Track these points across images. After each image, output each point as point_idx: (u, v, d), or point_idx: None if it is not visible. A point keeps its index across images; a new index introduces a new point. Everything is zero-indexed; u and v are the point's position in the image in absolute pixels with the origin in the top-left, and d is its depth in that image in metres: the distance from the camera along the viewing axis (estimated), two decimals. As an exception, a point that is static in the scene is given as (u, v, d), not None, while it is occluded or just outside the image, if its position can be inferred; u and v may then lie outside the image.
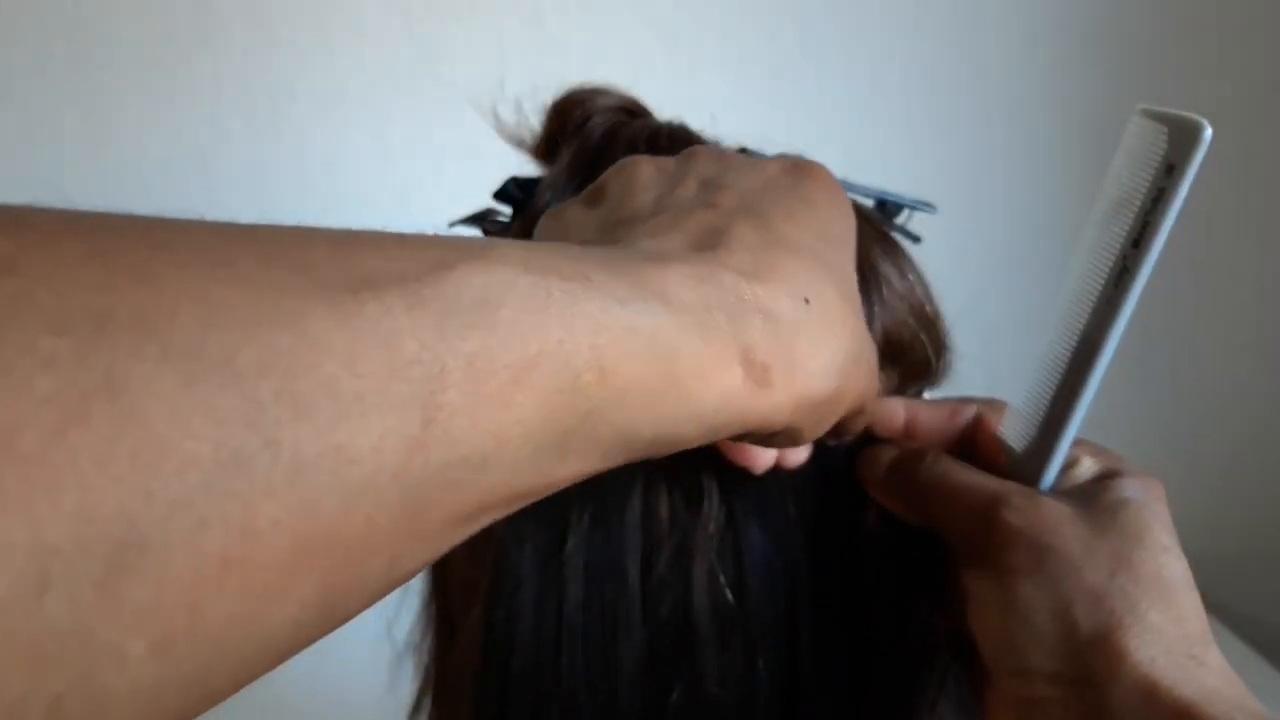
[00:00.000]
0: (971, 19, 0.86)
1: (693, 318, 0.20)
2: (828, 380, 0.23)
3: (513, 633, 0.31)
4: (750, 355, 0.20)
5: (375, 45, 0.78)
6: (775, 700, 0.32)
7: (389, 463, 0.15)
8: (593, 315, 0.18)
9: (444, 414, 0.15)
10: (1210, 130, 0.25)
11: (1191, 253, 0.92)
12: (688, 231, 0.23)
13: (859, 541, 0.33)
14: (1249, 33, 0.88)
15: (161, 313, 0.13)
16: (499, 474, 0.17)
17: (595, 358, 0.18)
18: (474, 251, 0.17)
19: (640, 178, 0.27)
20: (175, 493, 0.13)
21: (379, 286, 0.15)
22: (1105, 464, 0.31)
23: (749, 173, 0.26)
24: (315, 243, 0.16)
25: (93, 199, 0.57)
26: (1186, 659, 0.25)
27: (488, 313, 0.16)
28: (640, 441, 0.20)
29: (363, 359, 0.15)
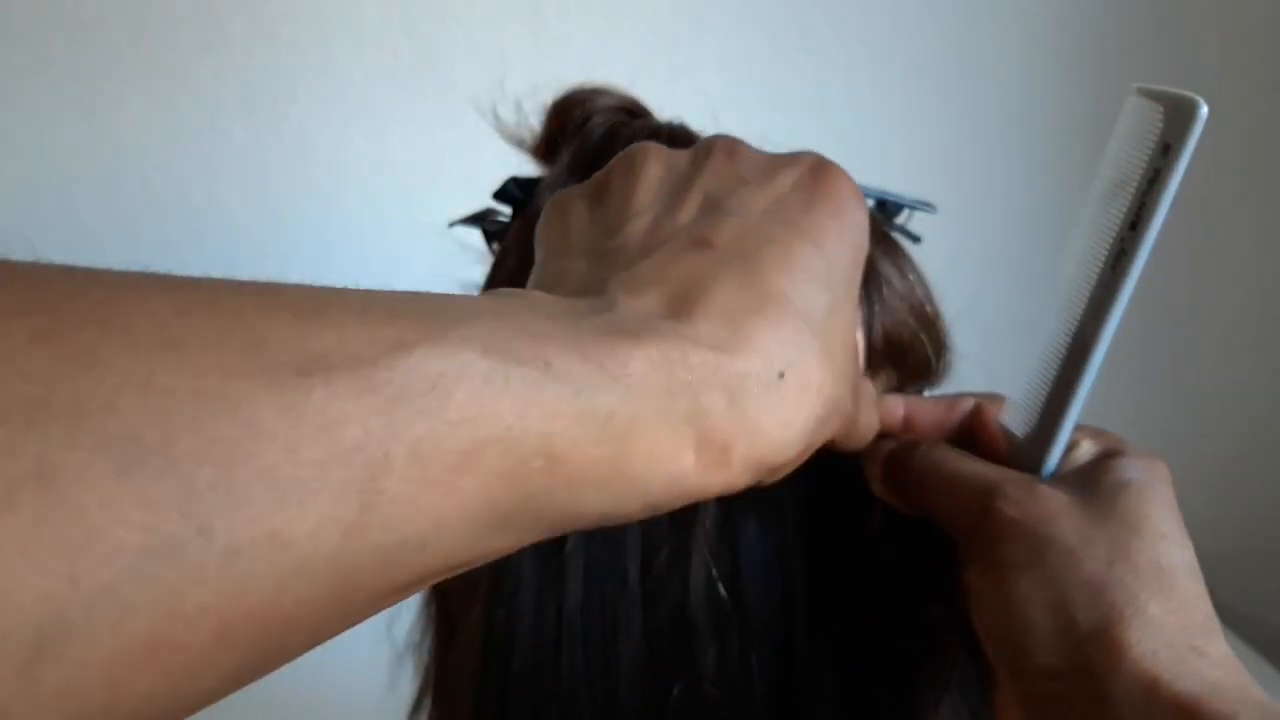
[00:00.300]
0: (971, 19, 0.86)
1: (652, 403, 0.19)
2: (794, 447, 0.22)
3: (513, 633, 0.31)
4: (708, 437, 0.20)
5: (375, 45, 0.78)
6: (774, 699, 0.32)
7: (324, 548, 0.15)
8: (547, 403, 0.18)
9: (384, 499, 0.16)
10: (1206, 108, 0.25)
11: (1192, 251, 0.92)
12: (669, 285, 0.22)
13: (857, 539, 0.33)
14: (1250, 32, 0.88)
15: (99, 401, 0.13)
16: (436, 553, 0.17)
17: (545, 445, 0.18)
18: (435, 331, 0.17)
19: (643, 185, 0.26)
20: (101, 579, 0.13)
21: (330, 369, 0.15)
22: (1105, 445, 0.30)
23: (761, 187, 0.25)
24: (274, 315, 0.16)
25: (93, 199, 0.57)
26: (1188, 651, 0.25)
27: (439, 399, 0.16)
28: (585, 519, 0.20)
29: (304, 446, 0.15)
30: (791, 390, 0.21)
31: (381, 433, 0.16)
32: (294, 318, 0.16)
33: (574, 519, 0.19)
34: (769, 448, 0.21)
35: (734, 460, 0.21)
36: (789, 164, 0.26)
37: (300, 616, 0.15)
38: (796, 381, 0.21)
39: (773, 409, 0.21)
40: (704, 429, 0.20)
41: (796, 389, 0.21)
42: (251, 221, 0.80)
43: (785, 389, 0.21)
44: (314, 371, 0.15)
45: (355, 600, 0.16)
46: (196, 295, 0.16)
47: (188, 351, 0.15)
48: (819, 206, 0.24)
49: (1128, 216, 0.26)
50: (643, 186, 0.25)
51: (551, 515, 0.19)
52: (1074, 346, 0.28)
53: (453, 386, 0.17)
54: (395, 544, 0.16)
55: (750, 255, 0.22)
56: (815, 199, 0.24)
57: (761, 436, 0.21)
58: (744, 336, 0.21)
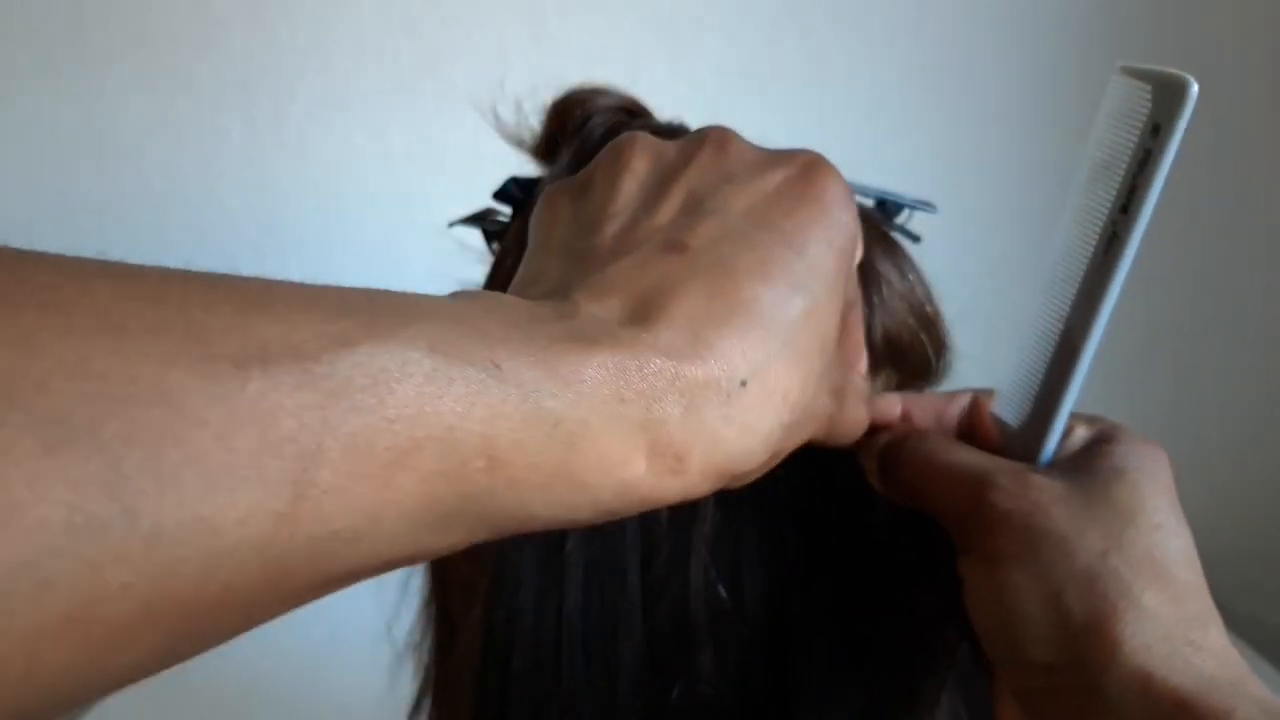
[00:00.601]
0: (972, 19, 0.86)
1: (603, 411, 0.19)
2: (757, 456, 0.22)
3: (513, 633, 0.31)
4: (662, 445, 0.20)
5: (375, 45, 0.78)
6: (774, 698, 0.32)
7: (253, 535, 0.15)
8: (491, 404, 0.18)
9: (316, 491, 0.16)
10: (1196, 87, 0.24)
11: (1191, 246, 0.92)
12: (635, 289, 0.22)
13: (855, 536, 0.33)
14: (1252, 31, 0.88)
15: (31, 382, 0.14)
16: (371, 547, 0.17)
17: (486, 446, 0.18)
18: (383, 328, 0.17)
19: (627, 181, 0.25)
20: (23, 554, 0.13)
21: (268, 362, 0.16)
22: (1099, 430, 0.29)
23: (747, 186, 0.24)
24: (219, 307, 0.16)
25: (93, 199, 0.57)
26: (1184, 644, 0.24)
27: (378, 395, 0.16)
28: (533, 522, 0.19)
29: (235, 435, 0.15)
30: (754, 398, 0.21)
31: (316, 426, 0.16)
32: (238, 310, 0.16)
33: (520, 521, 0.19)
34: (728, 455, 0.21)
35: (690, 468, 0.20)
36: (780, 162, 0.25)
37: (227, 601, 0.15)
38: (760, 390, 0.21)
39: (733, 417, 0.21)
40: (657, 437, 0.20)
41: (760, 397, 0.21)
42: (251, 221, 0.80)
43: (747, 397, 0.21)
44: (251, 363, 0.15)
45: (285, 588, 0.16)
46: (143, 284, 0.16)
47: (126, 338, 0.15)
48: (803, 209, 0.24)
49: (1118, 200, 0.26)
50: (626, 182, 0.25)
51: (495, 516, 0.19)
52: (1067, 334, 0.28)
53: (394, 383, 0.17)
54: (327, 535, 0.16)
55: (724, 260, 0.22)
56: (801, 201, 0.24)
57: (720, 445, 0.21)
58: (706, 344, 0.21)
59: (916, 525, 0.32)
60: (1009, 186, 0.92)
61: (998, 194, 0.92)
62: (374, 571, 0.18)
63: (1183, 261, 0.91)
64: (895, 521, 0.33)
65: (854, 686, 0.32)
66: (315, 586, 0.17)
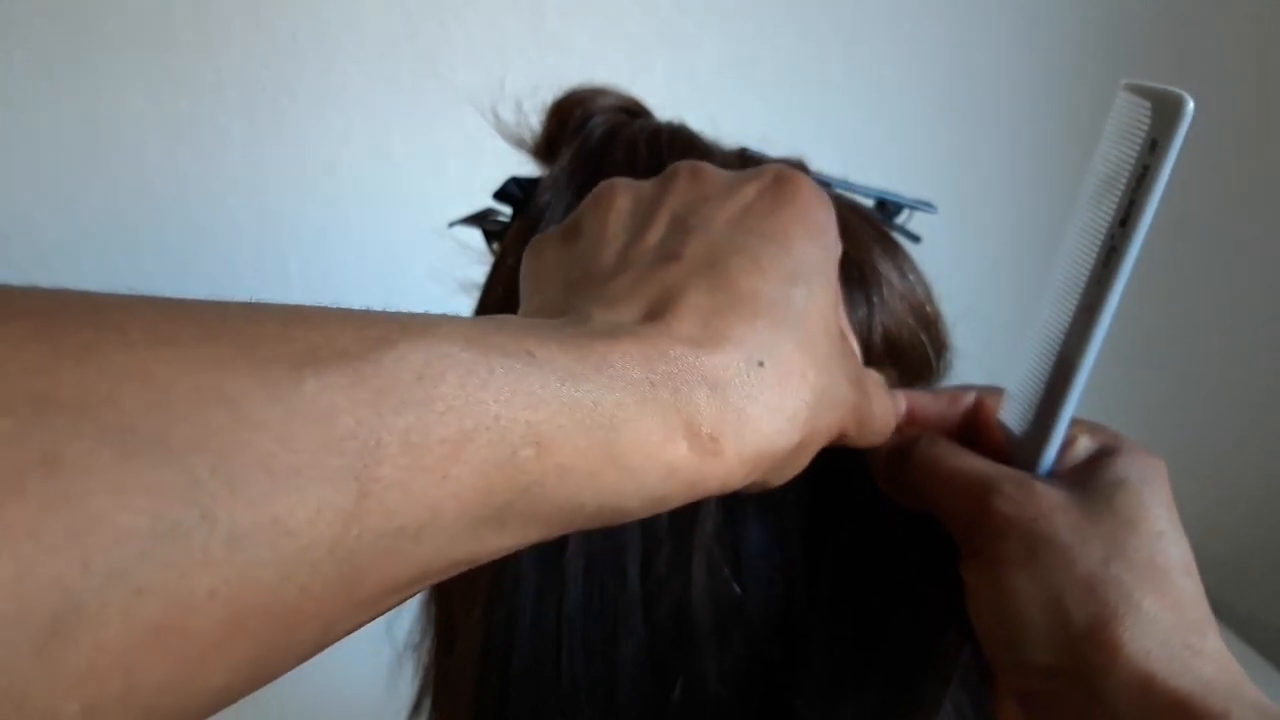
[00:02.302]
0: (972, 19, 0.86)
1: (636, 393, 0.20)
2: (788, 435, 0.22)
3: (513, 633, 0.31)
4: (696, 427, 0.20)
5: (375, 45, 0.78)
6: (775, 696, 0.32)
7: (324, 534, 0.15)
8: (532, 391, 0.18)
9: (379, 487, 0.16)
10: (1192, 104, 0.25)
11: (1189, 249, 0.92)
12: (642, 298, 0.23)
13: (859, 535, 0.33)
14: (1252, 31, 0.88)
15: (101, 393, 0.14)
16: (435, 545, 0.17)
17: (533, 433, 0.18)
18: (417, 328, 0.18)
19: (613, 218, 0.26)
20: (112, 563, 0.13)
21: (320, 364, 0.16)
22: (1102, 442, 0.30)
23: (724, 202, 0.25)
24: (261, 319, 0.17)
25: (93, 199, 0.57)
26: (1183, 649, 0.25)
27: (425, 389, 0.17)
28: (584, 513, 0.20)
29: (298, 435, 0.15)
30: (772, 377, 0.22)
31: (372, 422, 0.16)
32: (280, 321, 0.17)
33: (571, 513, 0.19)
34: (760, 437, 0.21)
35: (726, 449, 0.21)
36: (752, 177, 0.26)
37: (307, 608, 0.16)
38: (777, 369, 0.22)
39: (756, 396, 0.21)
40: (690, 418, 0.20)
41: (777, 376, 0.22)
42: (251, 221, 0.80)
43: (766, 376, 0.22)
44: (304, 365, 0.16)
45: (360, 592, 0.16)
46: (181, 306, 0.16)
47: (182, 349, 0.15)
48: (782, 211, 0.25)
49: (1118, 213, 0.27)
50: (612, 218, 0.26)
51: (548, 508, 0.19)
52: (1068, 344, 0.28)
53: (438, 377, 0.17)
54: (394, 532, 0.16)
55: (718, 262, 0.23)
56: (778, 204, 0.25)
57: (749, 425, 0.21)
58: (718, 331, 0.21)
59: (921, 527, 0.32)
60: (1009, 187, 0.92)
61: (998, 194, 0.92)
62: (440, 574, 0.18)
63: (1182, 262, 0.91)
64: (900, 523, 0.33)
65: (858, 687, 0.32)
66: (387, 591, 0.17)
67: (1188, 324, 0.97)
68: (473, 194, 0.40)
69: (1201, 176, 0.87)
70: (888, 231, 0.37)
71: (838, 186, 0.38)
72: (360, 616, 0.17)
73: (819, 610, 0.32)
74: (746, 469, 0.22)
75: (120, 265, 0.78)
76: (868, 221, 0.36)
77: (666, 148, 0.35)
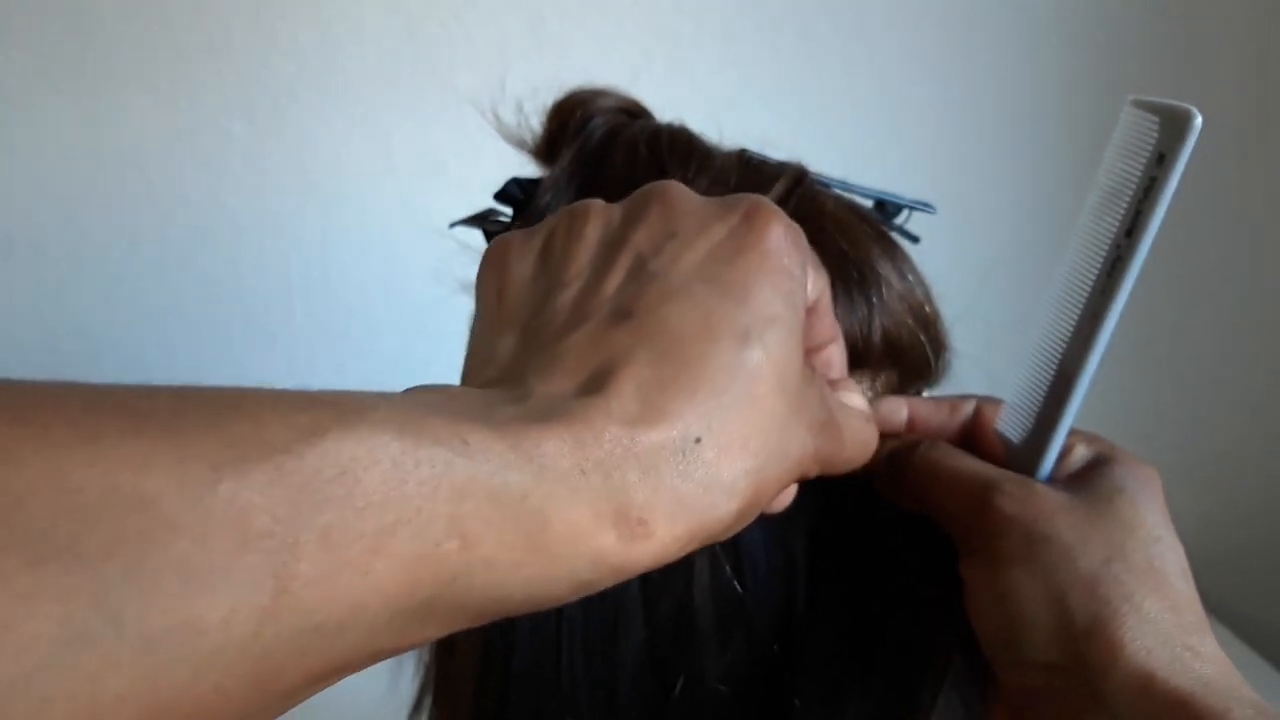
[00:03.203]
0: (972, 19, 0.86)
1: (566, 482, 0.20)
2: (725, 508, 0.22)
3: (513, 633, 0.31)
4: (626, 512, 0.20)
5: (376, 46, 0.78)
6: (774, 695, 0.32)
7: (239, 633, 0.15)
8: (459, 483, 0.18)
9: (297, 584, 0.16)
10: (1200, 119, 0.25)
11: (1190, 251, 0.92)
12: (585, 366, 0.22)
13: (858, 536, 0.33)
14: (1252, 31, 0.88)
15: (13, 500, 0.14)
16: (356, 639, 0.17)
17: (457, 526, 0.18)
18: (352, 413, 0.18)
19: (581, 249, 0.25)
20: (17, 671, 0.13)
21: (241, 461, 0.16)
22: (1099, 450, 0.31)
23: (691, 242, 0.24)
24: (187, 411, 0.17)
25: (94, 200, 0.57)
26: (1183, 649, 0.25)
27: (348, 484, 0.17)
28: (511, 603, 0.20)
29: (214, 535, 0.15)
30: (710, 452, 0.21)
31: (291, 520, 0.16)
32: (210, 410, 0.17)
33: (499, 603, 0.19)
34: (694, 514, 0.21)
35: (656, 531, 0.21)
36: (723, 213, 0.25)
37: (221, 705, 0.16)
38: (715, 443, 0.21)
39: (691, 474, 0.21)
40: (621, 504, 0.20)
41: (716, 450, 0.21)
42: (251, 221, 0.80)
43: (703, 452, 0.21)
44: (224, 464, 0.16)
45: (276, 687, 0.16)
46: (112, 396, 0.16)
47: (102, 446, 0.15)
48: (745, 258, 0.24)
49: (1123, 224, 0.27)
50: (581, 249, 0.25)
51: (476, 599, 0.19)
52: (1069, 353, 0.29)
53: (363, 471, 0.17)
54: (312, 629, 0.16)
55: (668, 323, 0.23)
56: (742, 251, 0.24)
57: (682, 504, 0.21)
58: (656, 408, 0.21)
59: (918, 523, 0.32)
60: (1008, 187, 0.92)
61: (997, 195, 0.92)
62: (361, 664, 0.18)
63: (1181, 263, 0.91)
64: (898, 519, 0.33)
65: (858, 688, 0.32)
66: (306, 683, 0.17)
67: (1187, 324, 0.97)
68: (473, 194, 0.40)
69: (1201, 178, 0.87)
70: (887, 232, 0.37)
71: (837, 187, 0.38)
72: (280, 707, 0.17)
73: (819, 610, 0.32)
74: (680, 544, 0.21)
75: (121, 266, 0.78)
76: (867, 222, 0.36)
77: (667, 149, 0.35)
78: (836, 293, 0.33)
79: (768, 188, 0.34)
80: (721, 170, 0.35)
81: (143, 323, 0.80)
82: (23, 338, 0.79)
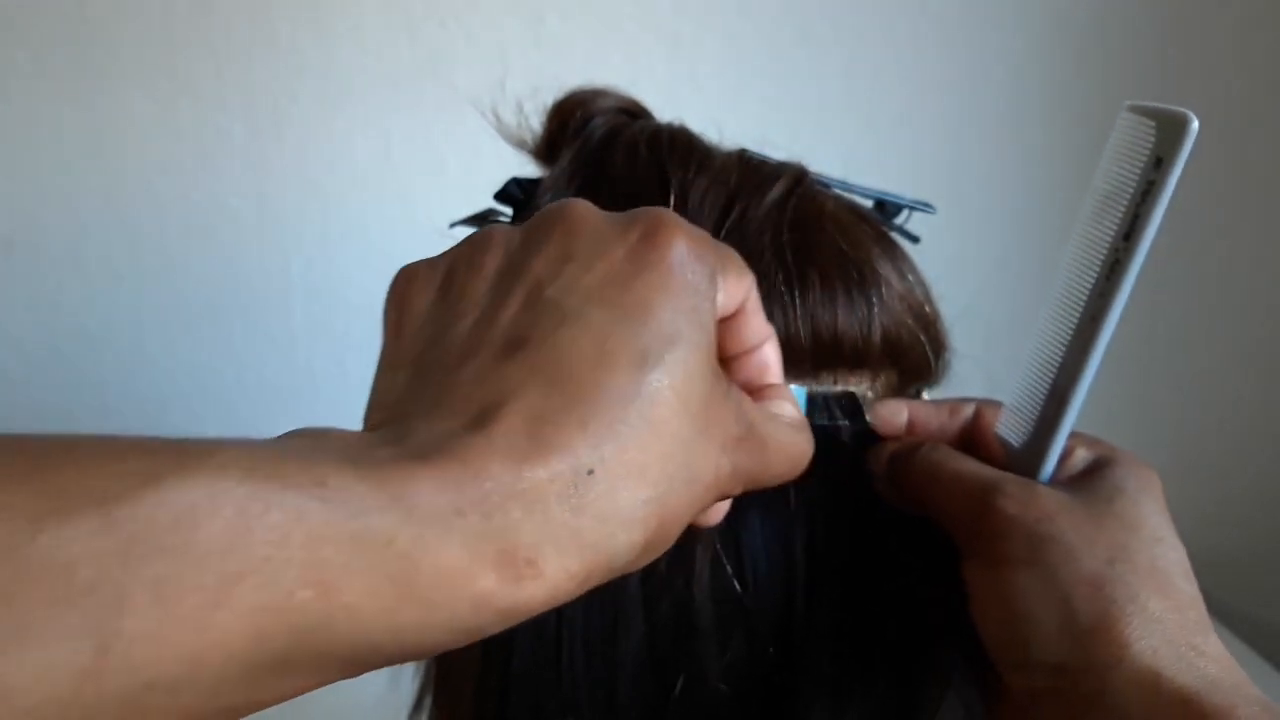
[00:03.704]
0: (971, 19, 0.86)
1: (439, 523, 0.18)
2: (624, 539, 0.21)
3: (513, 633, 0.31)
4: (510, 552, 0.19)
5: (376, 46, 0.78)
6: (774, 695, 0.32)
7: (54, 693, 0.15)
8: (313, 528, 0.17)
9: (122, 641, 0.15)
10: (1196, 123, 0.26)
11: (1189, 251, 0.92)
12: (474, 401, 0.21)
13: (859, 537, 0.33)
14: (1252, 32, 0.88)
15: None
16: (198, 696, 0.16)
17: (313, 574, 0.17)
18: (190, 461, 0.17)
19: (479, 282, 0.24)
20: None
21: (64, 512, 0.15)
22: (1099, 453, 0.31)
23: (591, 263, 0.23)
24: (13, 459, 0.16)
25: (94, 200, 0.57)
26: (1188, 648, 0.25)
27: (183, 533, 0.16)
28: (384, 653, 0.19)
29: (27, 592, 0.15)
30: (604, 484, 0.20)
31: (116, 573, 0.15)
32: (33, 460, 0.16)
33: (370, 652, 0.18)
34: (589, 549, 0.20)
35: (547, 571, 0.20)
36: (622, 232, 0.24)
37: None
38: (609, 474, 0.20)
39: (585, 508, 0.20)
40: (504, 545, 0.19)
41: (610, 481, 0.20)
42: (251, 221, 0.80)
43: (595, 484, 0.20)
44: (45, 515, 0.15)
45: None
46: None
47: None
48: (644, 277, 0.23)
49: (1121, 228, 0.27)
50: (478, 280, 0.25)
51: (341, 649, 0.18)
52: (1068, 357, 0.29)
53: (203, 518, 0.16)
54: (141, 687, 0.15)
55: (562, 351, 0.22)
56: (641, 270, 0.23)
57: (575, 540, 0.20)
58: (544, 441, 0.20)
59: (919, 525, 0.32)
60: (1008, 187, 0.92)
61: (998, 194, 0.92)
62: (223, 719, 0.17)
63: (1181, 265, 0.91)
64: (898, 525, 0.33)
65: (860, 690, 0.32)
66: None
67: (1187, 324, 0.97)
68: (473, 194, 0.40)
69: (1201, 178, 0.87)
70: (887, 232, 0.37)
71: (837, 187, 0.38)
72: None
73: (819, 610, 0.32)
74: (576, 583, 0.20)
75: (121, 266, 0.78)
76: (867, 222, 0.37)
77: (667, 149, 0.35)
78: (836, 292, 0.33)
79: (768, 188, 0.34)
80: (721, 170, 0.35)
81: (143, 323, 0.80)
82: (23, 338, 0.79)
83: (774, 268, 0.32)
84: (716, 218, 0.33)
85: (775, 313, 0.32)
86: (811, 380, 0.33)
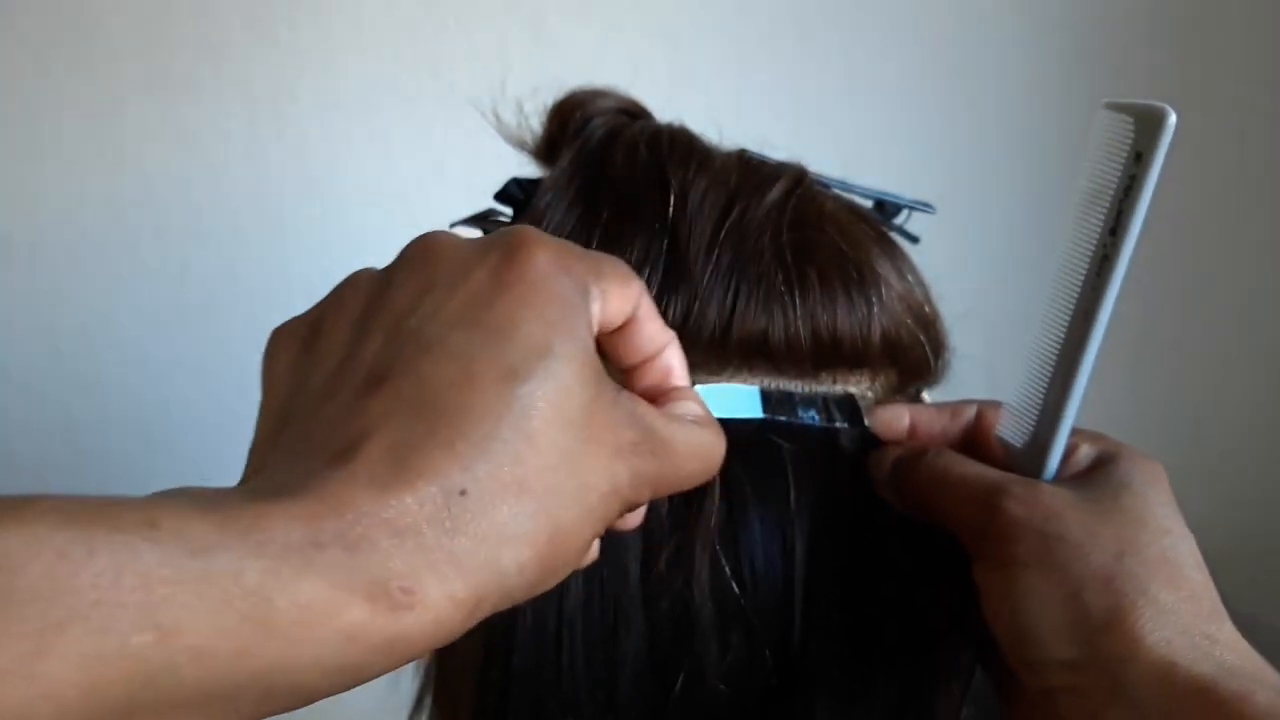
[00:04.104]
0: (971, 19, 0.86)
1: (294, 557, 0.18)
2: (512, 557, 0.20)
3: (514, 631, 0.31)
4: (382, 582, 0.18)
5: (376, 46, 0.78)
6: (775, 695, 0.32)
7: None
8: (147, 569, 0.16)
9: None
10: (1174, 117, 0.26)
11: (1188, 251, 0.92)
12: (334, 440, 0.21)
13: (860, 539, 0.33)
14: (1250, 32, 0.88)
15: None
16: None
17: (149, 617, 0.16)
18: (6, 512, 0.16)
19: (342, 325, 0.24)
20: None
21: None
22: (1103, 448, 0.31)
23: (451, 290, 0.23)
24: None
25: (94, 200, 0.57)
26: (1202, 638, 0.26)
27: (3, 580, 0.15)
28: (249, 697, 0.18)
29: None
30: (479, 504, 0.20)
31: None
32: None
33: (231, 697, 0.17)
34: (473, 571, 0.20)
35: (428, 598, 0.19)
36: (482, 255, 0.24)
37: None
38: (484, 493, 0.20)
39: (462, 529, 0.20)
40: (373, 575, 0.18)
41: (485, 500, 0.20)
42: (251, 221, 0.80)
43: (469, 504, 0.20)
44: None
45: None
46: None
47: None
48: (506, 296, 0.23)
49: (1107, 224, 0.28)
50: (341, 323, 0.24)
51: (193, 695, 0.17)
52: (1064, 354, 0.29)
53: (19, 565, 0.16)
54: None
55: (425, 380, 0.21)
56: (502, 289, 0.23)
57: (456, 563, 0.19)
58: (409, 468, 0.20)
59: (919, 528, 0.32)
60: (1008, 187, 0.92)
61: (997, 195, 0.92)
62: None
63: (1181, 265, 0.91)
64: (897, 527, 0.33)
65: (860, 690, 0.33)
66: None
67: (1188, 324, 0.97)
68: (473, 194, 0.40)
69: (1200, 177, 0.87)
70: (886, 232, 0.37)
71: (837, 187, 0.38)
72: None
73: (819, 611, 0.32)
74: (466, 610, 0.20)
75: (121, 267, 0.78)
76: (866, 222, 0.37)
77: (667, 149, 0.35)
78: (836, 292, 0.33)
79: (768, 188, 0.34)
80: (721, 170, 0.35)
81: (143, 323, 0.80)
82: (23, 338, 0.79)
83: (774, 268, 0.32)
84: (716, 218, 0.33)
85: (775, 313, 0.32)
86: (811, 380, 0.33)
